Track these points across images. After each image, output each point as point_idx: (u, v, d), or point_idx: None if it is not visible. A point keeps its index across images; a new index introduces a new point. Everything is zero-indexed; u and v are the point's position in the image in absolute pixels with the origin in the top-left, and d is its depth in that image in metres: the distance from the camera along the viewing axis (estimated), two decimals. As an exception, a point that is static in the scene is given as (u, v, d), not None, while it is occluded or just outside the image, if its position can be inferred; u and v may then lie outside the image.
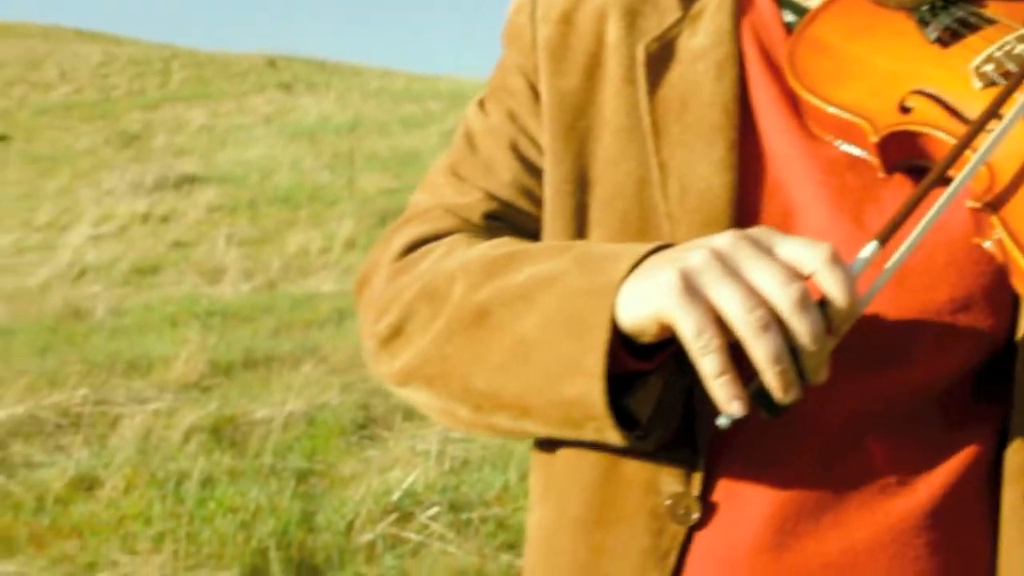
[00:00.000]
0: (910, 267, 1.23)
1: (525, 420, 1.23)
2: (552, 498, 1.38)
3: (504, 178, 1.44)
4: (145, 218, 15.25)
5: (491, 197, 1.43)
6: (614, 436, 1.17)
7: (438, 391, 1.31)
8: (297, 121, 22.75)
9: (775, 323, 1.06)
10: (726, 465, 1.28)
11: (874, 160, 1.25)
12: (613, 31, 1.40)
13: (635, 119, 1.35)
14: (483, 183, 1.44)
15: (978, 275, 1.22)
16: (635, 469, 1.30)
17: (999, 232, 1.16)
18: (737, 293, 1.06)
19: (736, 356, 1.09)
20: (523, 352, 1.21)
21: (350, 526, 5.19)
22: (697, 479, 1.27)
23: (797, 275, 1.08)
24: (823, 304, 1.08)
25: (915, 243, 1.14)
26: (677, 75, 1.36)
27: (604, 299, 1.15)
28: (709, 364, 1.07)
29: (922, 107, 1.24)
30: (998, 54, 1.24)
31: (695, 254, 1.09)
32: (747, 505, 1.28)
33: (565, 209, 1.37)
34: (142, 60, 30.43)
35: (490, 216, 1.42)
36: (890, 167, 1.26)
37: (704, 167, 1.30)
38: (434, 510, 5.28)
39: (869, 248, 1.13)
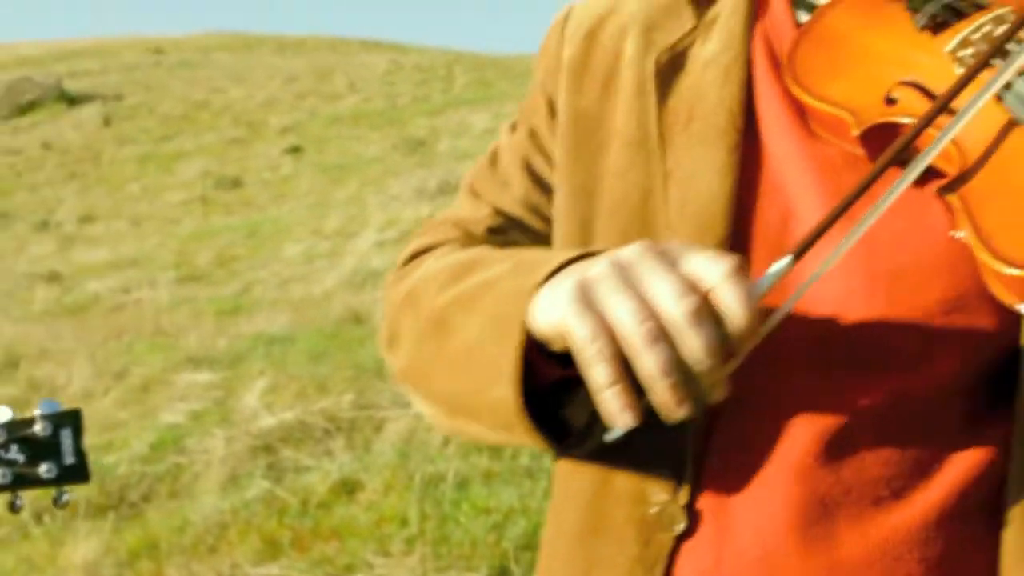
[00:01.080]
0: (901, 266, 1.21)
1: (477, 425, 1.25)
2: (554, 510, 1.40)
3: (516, 194, 1.46)
4: (428, 222, 15.59)
5: (499, 212, 1.46)
6: (536, 442, 1.18)
7: (422, 395, 1.35)
8: (576, 119, 22.85)
9: (665, 337, 1.03)
10: (713, 476, 1.27)
11: (860, 154, 1.23)
12: (631, 46, 1.41)
13: (645, 131, 1.35)
14: (495, 198, 1.47)
15: (972, 273, 1.15)
16: (625, 480, 1.30)
17: (965, 222, 1.13)
18: (629, 305, 1.05)
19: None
20: (467, 356, 1.23)
21: (598, 527, 5.20)
22: (684, 489, 1.27)
23: (695, 289, 1.05)
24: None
25: (846, 248, 1.11)
26: (687, 84, 1.35)
27: (521, 303, 1.15)
28: (597, 374, 1.05)
29: (906, 98, 1.22)
30: (974, 36, 1.22)
31: (597, 264, 1.09)
32: (734, 517, 1.26)
33: (571, 221, 1.38)
34: (426, 67, 31.18)
35: (493, 231, 1.44)
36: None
37: (705, 173, 1.29)
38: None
39: (781, 263, 1.10)
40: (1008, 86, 1.17)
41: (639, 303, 1.05)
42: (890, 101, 1.22)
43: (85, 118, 28.53)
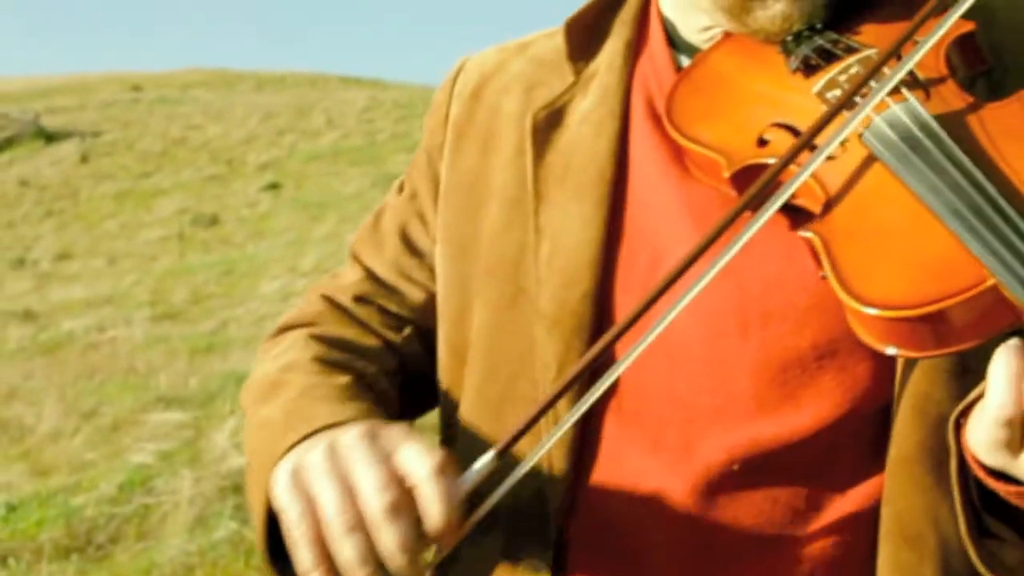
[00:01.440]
0: (773, 309, 1.22)
1: None
2: None
3: (388, 257, 1.48)
4: (405, 259, 15.52)
5: (370, 277, 1.48)
6: None
7: None
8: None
9: (361, 528, 1.07)
10: (575, 559, 1.28)
11: (734, 196, 1.23)
12: (512, 104, 1.42)
13: (522, 189, 1.37)
14: (370, 261, 1.49)
15: (844, 317, 1.14)
16: (502, 571, 1.31)
17: (825, 261, 1.12)
18: (332, 493, 1.08)
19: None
20: (250, 482, 1.27)
21: None
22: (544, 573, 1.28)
23: (398, 483, 1.08)
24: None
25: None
26: (564, 141, 1.37)
27: (269, 467, 1.19)
28: (301, 555, 1.08)
29: (777, 139, 1.23)
30: (841, 77, 1.24)
31: (315, 449, 1.13)
32: None
33: (452, 282, 1.41)
34: (406, 103, 31.16)
35: (359, 299, 1.47)
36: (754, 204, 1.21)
37: (574, 227, 1.32)
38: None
39: (483, 459, 1.14)
40: (868, 124, 1.18)
41: (341, 493, 1.08)
42: (762, 142, 1.24)
43: (63, 155, 28.45)
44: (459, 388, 1.39)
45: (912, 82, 1.22)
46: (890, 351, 1.09)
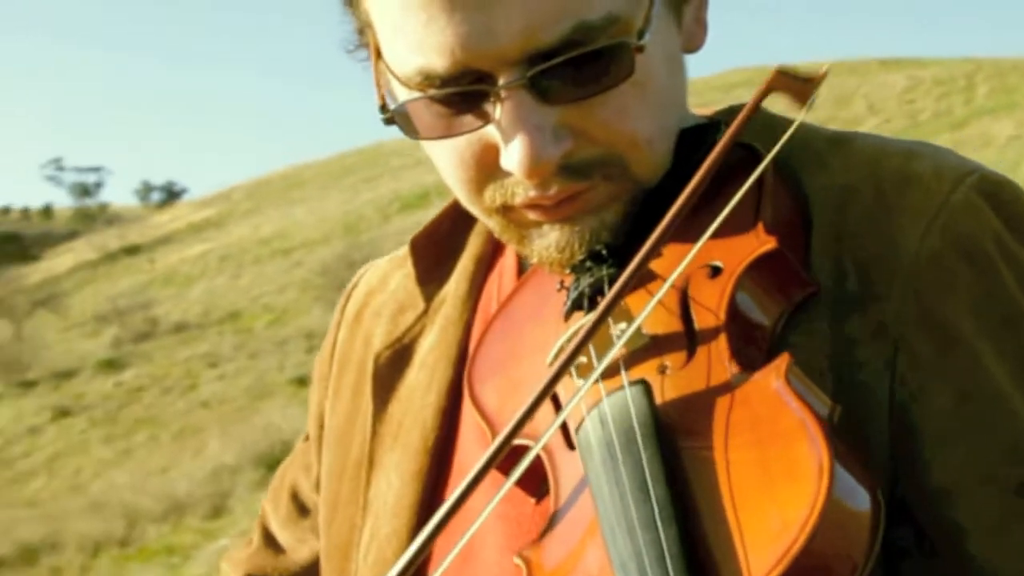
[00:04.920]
0: None
1: None
2: None
3: (281, 514, 1.33)
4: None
5: (265, 544, 1.34)
6: None
7: None
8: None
9: None
10: None
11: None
12: (380, 333, 1.19)
13: (362, 448, 1.15)
14: (270, 519, 1.35)
15: None
16: None
17: None
18: None
19: None
20: None
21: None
22: None
23: None
24: None
25: None
26: (406, 388, 1.14)
27: None
28: None
29: (543, 409, 0.94)
30: (570, 344, 0.95)
31: None
32: None
33: (324, 554, 1.20)
34: (945, 79, 30.35)
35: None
36: (537, 492, 0.99)
37: (391, 508, 1.10)
38: None
39: None
40: (580, 424, 0.92)
41: None
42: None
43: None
44: None
45: (654, 345, 0.94)
46: None
